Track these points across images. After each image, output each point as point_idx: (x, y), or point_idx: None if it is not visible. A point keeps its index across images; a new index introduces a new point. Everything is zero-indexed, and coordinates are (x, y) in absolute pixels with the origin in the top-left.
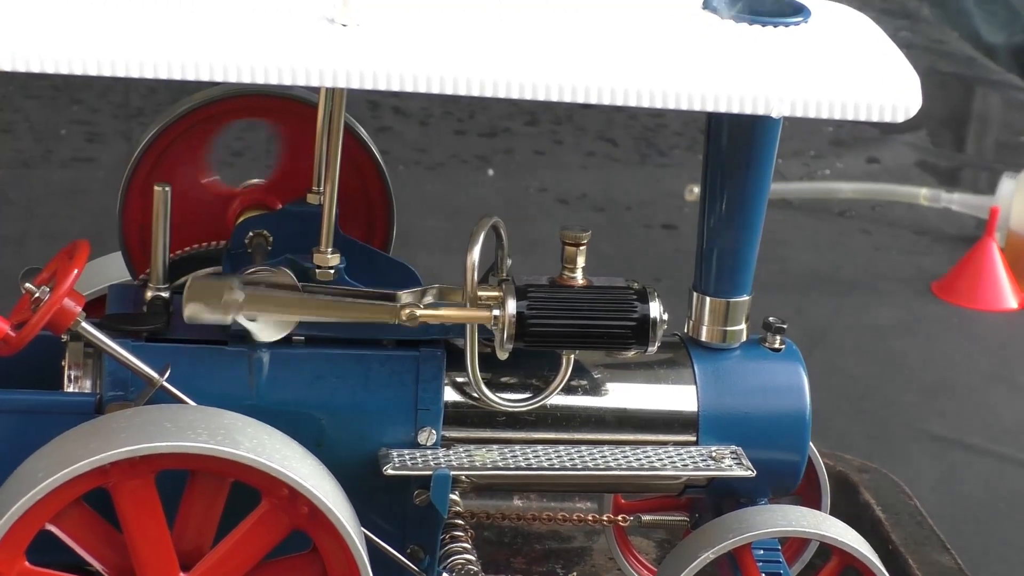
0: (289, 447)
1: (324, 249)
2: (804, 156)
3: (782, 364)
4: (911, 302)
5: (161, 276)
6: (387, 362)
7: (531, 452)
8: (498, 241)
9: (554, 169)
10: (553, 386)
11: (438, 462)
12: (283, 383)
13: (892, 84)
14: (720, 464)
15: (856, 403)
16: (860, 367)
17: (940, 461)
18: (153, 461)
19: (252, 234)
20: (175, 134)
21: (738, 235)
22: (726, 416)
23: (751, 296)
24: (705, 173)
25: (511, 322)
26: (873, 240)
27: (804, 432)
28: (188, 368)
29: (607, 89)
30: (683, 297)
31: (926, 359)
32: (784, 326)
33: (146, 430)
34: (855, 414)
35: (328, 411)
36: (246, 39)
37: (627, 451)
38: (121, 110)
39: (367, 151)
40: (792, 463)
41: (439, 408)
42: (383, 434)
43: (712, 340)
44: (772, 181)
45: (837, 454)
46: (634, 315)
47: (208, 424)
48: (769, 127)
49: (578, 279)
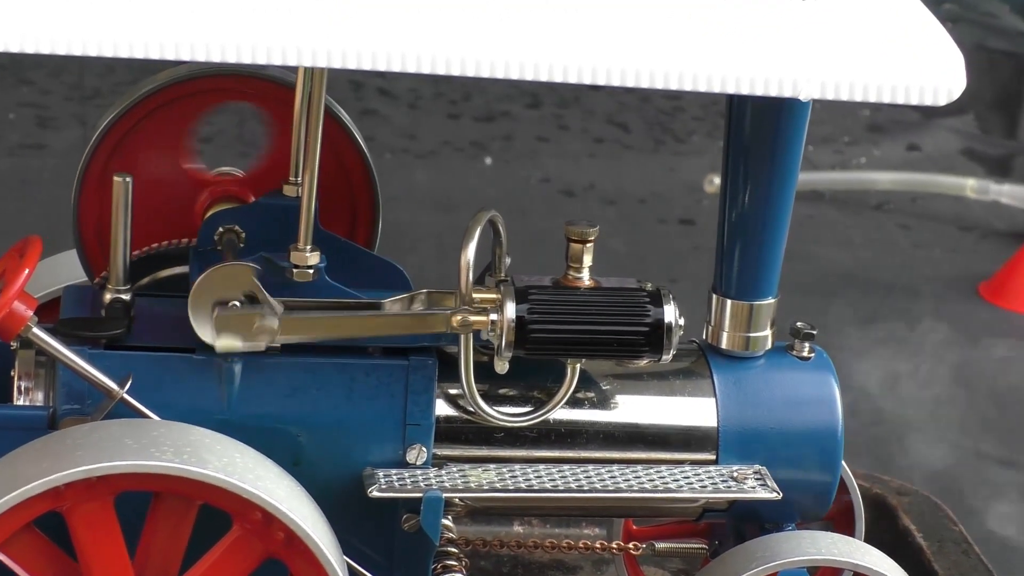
0: (263, 466)
1: (302, 246)
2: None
3: (811, 374)
4: (956, 306)
5: (121, 276)
6: (373, 372)
7: (532, 472)
8: (496, 238)
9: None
10: (557, 399)
11: (429, 483)
12: (257, 395)
13: (933, 63)
14: (742, 485)
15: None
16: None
17: (989, 483)
18: (112, 482)
19: (222, 229)
20: (136, 118)
21: (763, 231)
22: (749, 432)
23: (777, 299)
24: (726, 162)
25: (510, 327)
26: (913, 237)
27: (836, 450)
28: (151, 379)
29: (617, 68)
30: (701, 300)
31: (973, 369)
32: (814, 332)
33: (104, 447)
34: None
35: (307, 426)
36: (213, 12)
37: (639, 471)
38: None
39: (350, 137)
40: (823, 484)
41: (430, 423)
42: (368, 452)
43: (734, 348)
44: (801, 171)
45: (873, 475)
46: (647, 320)
47: (174, 440)
48: (797, 111)
49: (584, 280)
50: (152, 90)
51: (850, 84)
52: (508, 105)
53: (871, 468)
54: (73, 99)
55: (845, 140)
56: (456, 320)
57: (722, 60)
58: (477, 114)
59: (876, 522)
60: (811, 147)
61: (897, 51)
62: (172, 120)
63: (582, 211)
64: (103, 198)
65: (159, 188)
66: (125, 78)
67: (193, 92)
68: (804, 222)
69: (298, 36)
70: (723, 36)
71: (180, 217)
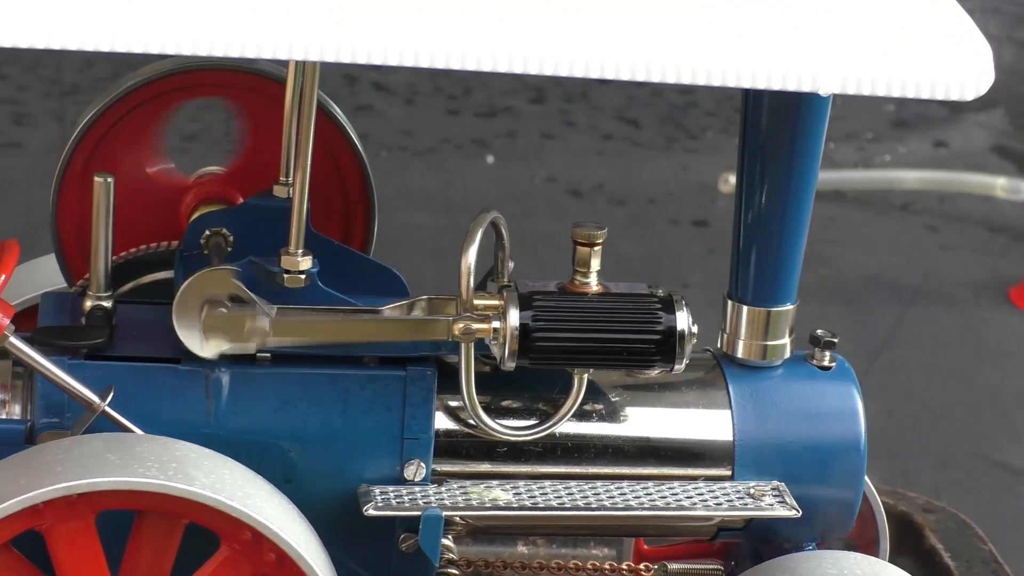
0: (253, 483)
1: (294, 250)
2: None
3: (833, 385)
4: (985, 311)
5: (102, 282)
6: (368, 383)
7: (538, 489)
8: (498, 240)
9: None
10: (563, 411)
11: (428, 501)
12: (246, 407)
13: (959, 55)
14: (760, 503)
15: (921, 430)
16: (925, 388)
17: (1020, 499)
18: (93, 499)
19: (209, 232)
20: (118, 115)
21: (781, 233)
22: (767, 446)
23: (796, 305)
24: (742, 160)
25: (514, 336)
26: (941, 239)
27: (859, 465)
28: (135, 390)
29: (626, 62)
30: (716, 306)
31: (1003, 378)
32: (835, 340)
33: (85, 463)
34: (919, 443)
35: (299, 441)
36: (199, 3)
37: (650, 488)
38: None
39: (344, 135)
40: (845, 501)
41: (429, 437)
42: (363, 468)
43: (750, 357)
44: (821, 169)
45: (898, 491)
46: (658, 327)
47: (158, 456)
48: (817, 106)
49: (592, 285)
50: (135, 85)
51: (872, 78)
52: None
53: (894, 483)
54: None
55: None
56: (458, 328)
57: (737, 53)
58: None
59: (901, 541)
60: (832, 144)
61: (922, 43)
62: (156, 117)
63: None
64: (83, 199)
65: (142, 189)
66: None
67: (178, 87)
68: (825, 223)
69: (289, 28)
70: (739, 27)
71: (165, 219)
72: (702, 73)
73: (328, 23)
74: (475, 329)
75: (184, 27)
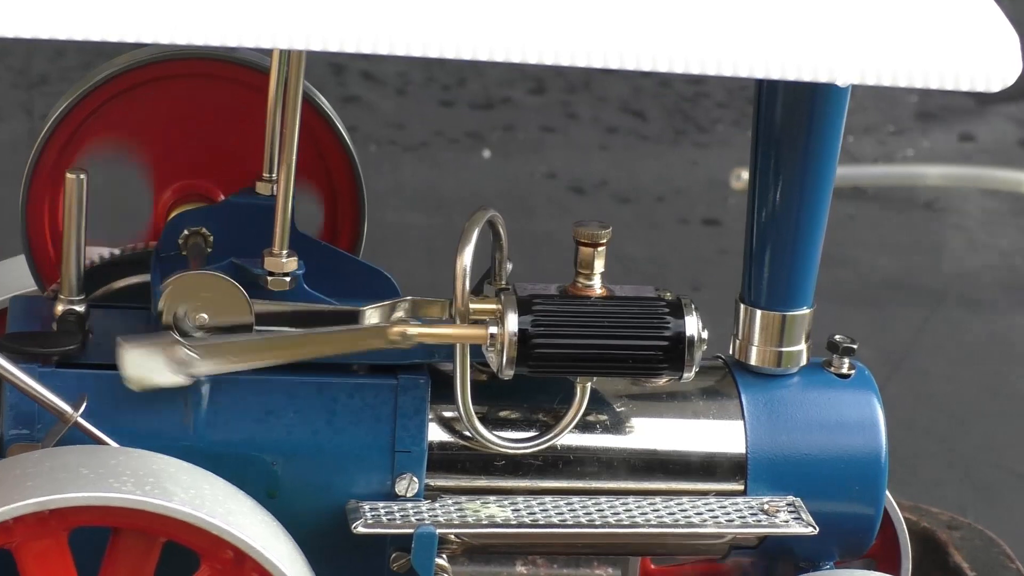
0: (235, 499)
1: (278, 251)
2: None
3: (852, 394)
4: (1014, 316)
5: (75, 285)
6: (357, 392)
7: (537, 505)
8: (495, 241)
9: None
10: (565, 422)
11: (421, 517)
12: (227, 418)
13: (985, 44)
14: (774, 519)
15: (946, 442)
16: (951, 398)
17: None
18: (66, 516)
19: (187, 232)
20: (91, 108)
21: (797, 232)
22: (782, 459)
23: (813, 309)
24: (755, 155)
25: (512, 342)
26: (968, 238)
27: (879, 479)
28: (109, 400)
29: (632, 51)
30: (728, 310)
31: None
32: (854, 346)
33: (57, 477)
34: (944, 456)
35: (283, 453)
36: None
37: (658, 503)
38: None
39: (331, 128)
40: (865, 517)
41: (422, 450)
42: (352, 482)
43: (764, 364)
44: (839, 164)
45: (921, 507)
46: (666, 333)
47: (134, 470)
48: (835, 97)
49: (596, 288)
50: (109, 76)
51: (893, 68)
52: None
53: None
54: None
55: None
56: (395, 332)
57: (750, 40)
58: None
59: (924, 559)
60: (851, 138)
61: (946, 30)
62: (132, 110)
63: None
64: (55, 197)
65: (117, 186)
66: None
67: (155, 78)
68: (843, 222)
69: (272, 15)
70: (751, 14)
71: (141, 218)
72: (712, 63)
73: (314, 9)
74: (412, 335)
75: (161, 14)
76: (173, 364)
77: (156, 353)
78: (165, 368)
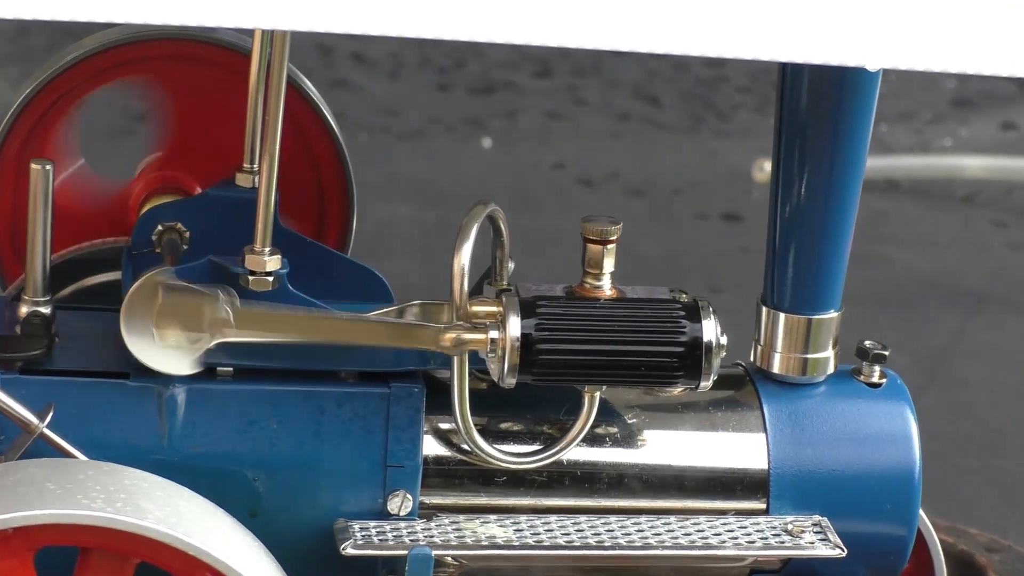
0: (213, 517)
1: (260, 249)
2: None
3: (883, 404)
4: None
5: (40, 285)
6: (347, 401)
7: (542, 525)
8: (496, 238)
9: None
10: (572, 435)
11: (415, 538)
12: (205, 430)
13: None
14: (799, 540)
15: (985, 457)
16: (992, 409)
17: None
18: (31, 534)
19: (162, 228)
20: (58, 93)
21: (823, 229)
22: (807, 475)
23: (841, 312)
24: (779, 144)
25: (514, 347)
26: (1008, 235)
27: (913, 497)
28: (78, 410)
29: (646, 31)
30: (749, 313)
31: None
32: (885, 353)
33: (21, 493)
34: (983, 473)
35: (266, 468)
36: None
37: (672, 523)
38: None
39: (317, 114)
40: (896, 539)
41: (416, 464)
42: (340, 500)
43: (788, 372)
44: (870, 155)
45: (958, 527)
46: (681, 338)
47: (105, 485)
48: (865, 83)
49: (605, 289)
50: (77, 59)
51: (928, 51)
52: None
53: (954, 518)
54: None
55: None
56: (448, 338)
57: (773, 20)
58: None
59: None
60: (884, 126)
61: (984, 11)
62: (102, 95)
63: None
64: (18, 189)
65: (85, 178)
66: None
67: (127, 61)
68: (875, 218)
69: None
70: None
71: (111, 212)
72: (732, 44)
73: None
74: (468, 340)
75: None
76: (207, 323)
77: (194, 307)
78: (198, 324)
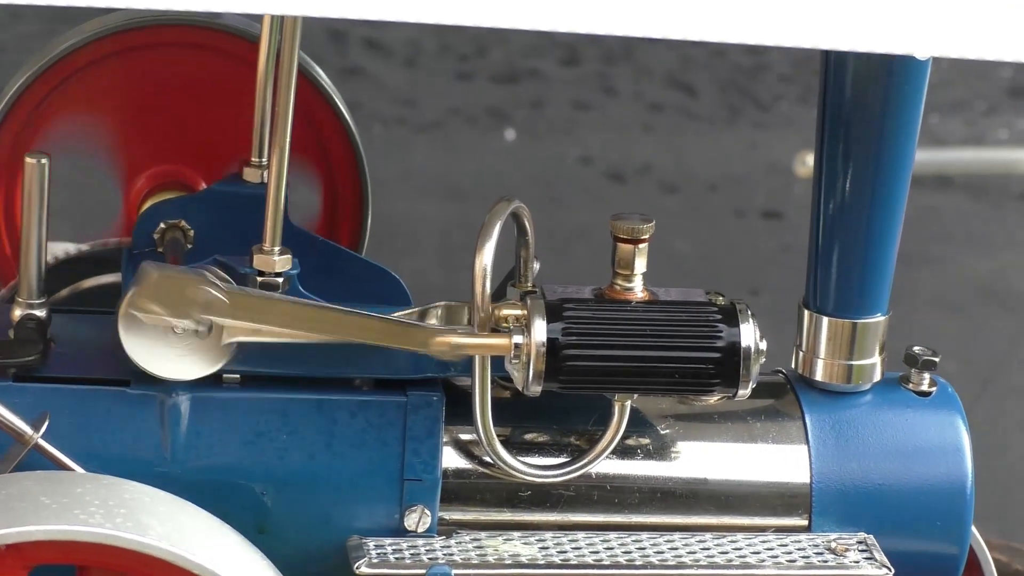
0: (219, 533)
1: (269, 248)
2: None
3: (932, 414)
4: None
5: (35, 287)
6: (361, 411)
7: (568, 542)
8: (520, 236)
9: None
10: (601, 447)
11: (434, 556)
12: (210, 441)
13: None
14: (843, 559)
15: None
16: None
17: None
18: (25, 551)
19: (164, 226)
20: (54, 82)
21: (869, 227)
22: (851, 490)
23: (888, 316)
24: (822, 137)
25: (540, 353)
26: None
27: (964, 513)
28: (75, 419)
29: (680, 17)
30: (791, 317)
31: None
32: (936, 359)
33: (15, 508)
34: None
35: (275, 482)
36: None
37: (708, 541)
38: None
39: (330, 105)
40: (947, 558)
41: (435, 478)
42: (354, 516)
43: (832, 380)
44: (920, 148)
45: (1013, 546)
46: (718, 343)
47: (103, 499)
48: (913, 72)
49: (636, 291)
50: (74, 46)
51: (981, 37)
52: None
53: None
54: None
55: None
56: (439, 342)
57: (816, 5)
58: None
59: None
60: (935, 117)
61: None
62: (100, 85)
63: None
64: (12, 185)
65: (83, 173)
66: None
67: (126, 48)
68: (925, 216)
69: None
70: None
71: (110, 210)
72: (772, 31)
73: None
74: (462, 345)
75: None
76: (195, 305)
77: (181, 284)
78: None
